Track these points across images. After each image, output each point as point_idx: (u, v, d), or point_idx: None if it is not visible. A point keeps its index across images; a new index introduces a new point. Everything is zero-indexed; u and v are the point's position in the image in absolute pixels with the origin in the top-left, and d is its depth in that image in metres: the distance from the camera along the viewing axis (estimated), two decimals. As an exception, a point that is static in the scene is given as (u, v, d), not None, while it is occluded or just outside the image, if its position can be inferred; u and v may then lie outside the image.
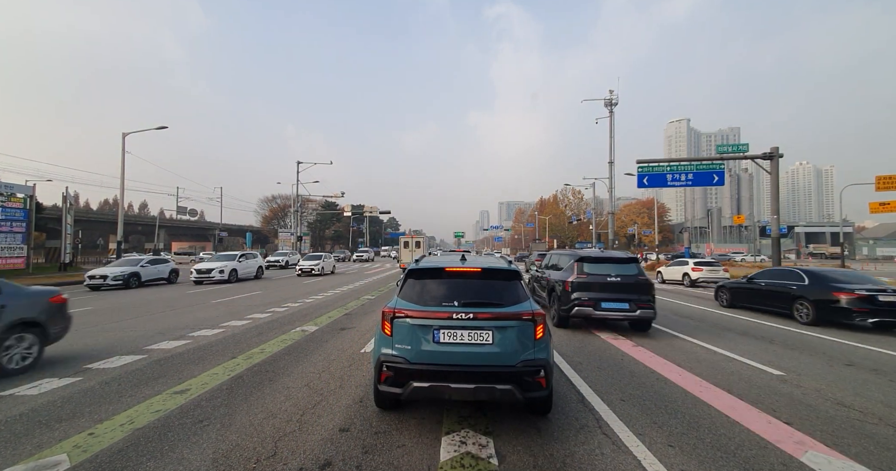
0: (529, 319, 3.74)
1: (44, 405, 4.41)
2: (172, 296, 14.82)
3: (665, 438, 3.70)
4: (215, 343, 7.31)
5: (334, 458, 3.28)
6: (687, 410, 4.38)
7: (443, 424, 3.92)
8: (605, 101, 32.17)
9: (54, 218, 37.74)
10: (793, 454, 3.40)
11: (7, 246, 23.27)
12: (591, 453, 3.40)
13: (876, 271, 33.16)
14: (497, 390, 3.52)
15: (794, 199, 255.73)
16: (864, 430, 3.94)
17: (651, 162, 24.56)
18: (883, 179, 22.37)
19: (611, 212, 33.96)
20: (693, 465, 3.24)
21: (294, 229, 46.88)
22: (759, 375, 5.71)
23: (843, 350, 7.24)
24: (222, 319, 9.67)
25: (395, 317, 3.80)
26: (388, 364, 3.67)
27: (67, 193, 27.93)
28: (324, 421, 3.98)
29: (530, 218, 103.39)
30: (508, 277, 4.18)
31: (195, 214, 59.49)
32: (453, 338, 3.66)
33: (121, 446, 3.49)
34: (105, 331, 8.40)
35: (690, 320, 10.19)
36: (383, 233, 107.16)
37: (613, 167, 32.12)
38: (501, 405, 4.35)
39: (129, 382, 5.20)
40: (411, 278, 4.21)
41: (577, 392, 4.87)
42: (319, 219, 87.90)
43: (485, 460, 3.26)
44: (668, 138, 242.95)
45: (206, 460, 3.25)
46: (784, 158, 22.92)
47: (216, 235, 52.68)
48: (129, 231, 70.02)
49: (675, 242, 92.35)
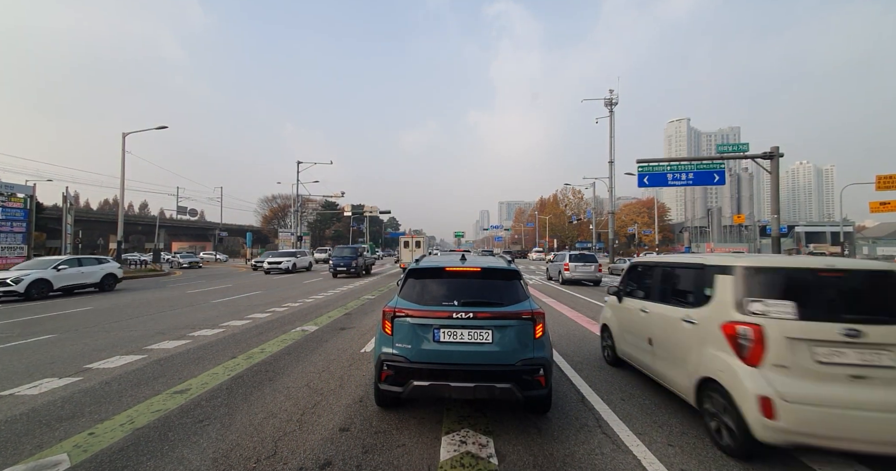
0: (529, 318, 3.76)
1: (44, 405, 4.41)
2: (173, 296, 14.82)
3: (665, 437, 3.70)
4: (215, 343, 7.32)
5: (334, 457, 3.28)
6: (687, 409, 4.37)
7: (443, 423, 3.92)
8: (605, 100, 32.18)
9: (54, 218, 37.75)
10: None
11: (7, 246, 23.29)
12: (591, 452, 3.40)
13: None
14: (497, 389, 3.54)
15: (795, 198, 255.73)
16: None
17: (651, 161, 24.56)
18: (883, 179, 22.35)
19: (611, 211, 33.96)
20: (693, 464, 3.23)
21: (294, 229, 46.88)
22: (760, 374, 5.70)
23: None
24: (222, 319, 9.67)
25: (395, 316, 3.83)
26: (389, 363, 3.70)
27: (67, 192, 27.93)
28: (324, 421, 3.99)
29: (530, 218, 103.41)
30: (508, 276, 4.20)
31: (195, 213, 59.44)
32: (453, 337, 3.68)
33: (121, 445, 3.49)
34: (105, 331, 8.40)
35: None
36: (383, 233, 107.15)
37: (613, 167, 32.12)
38: (501, 405, 4.36)
39: (129, 381, 5.20)
40: (412, 278, 4.23)
41: (578, 392, 4.87)
42: (319, 219, 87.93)
43: (485, 459, 3.26)
44: (669, 138, 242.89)
45: (207, 459, 3.25)
46: (784, 158, 22.89)
47: (216, 235, 52.66)
48: (129, 231, 70.02)
49: (676, 242, 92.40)
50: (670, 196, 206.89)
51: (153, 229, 53.06)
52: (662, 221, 74.08)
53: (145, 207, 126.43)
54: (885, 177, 22.29)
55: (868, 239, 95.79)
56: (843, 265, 3.44)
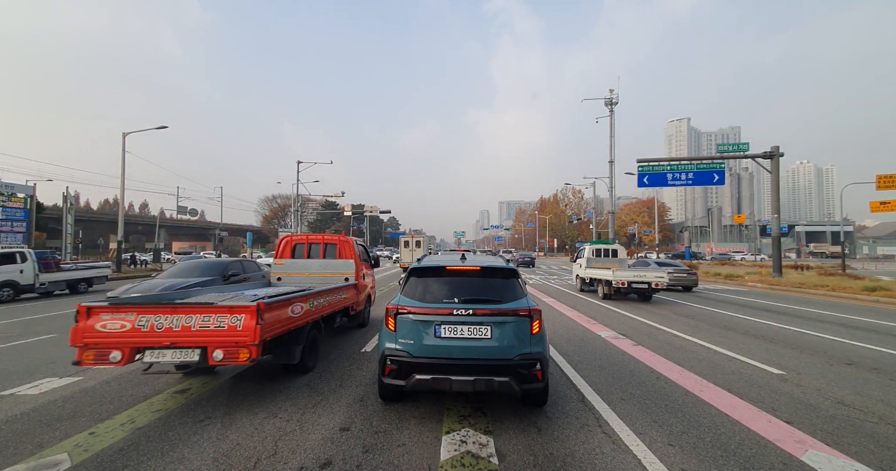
0: (526, 315, 3.89)
1: (45, 405, 4.42)
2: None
3: (665, 437, 3.70)
4: (216, 343, 7.30)
5: (335, 457, 3.28)
6: (687, 409, 4.38)
7: (443, 423, 3.93)
8: (606, 100, 32.17)
9: (55, 218, 37.77)
10: (793, 453, 3.40)
11: (7, 245, 23.29)
12: (591, 452, 3.41)
13: (877, 270, 33.14)
14: (495, 382, 3.67)
15: (795, 198, 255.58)
16: (864, 429, 3.94)
17: (651, 161, 24.56)
18: (883, 178, 22.33)
19: (611, 211, 33.96)
20: (693, 464, 3.24)
21: (294, 229, 46.91)
22: (760, 374, 5.71)
23: (843, 349, 7.24)
24: (223, 319, 9.64)
25: (398, 313, 3.97)
26: (392, 358, 3.84)
27: (68, 192, 27.96)
28: (324, 420, 3.99)
29: (530, 217, 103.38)
30: (506, 275, 4.36)
31: (195, 213, 59.45)
32: (454, 333, 3.81)
33: (122, 445, 3.49)
34: (106, 330, 8.39)
35: (690, 320, 10.19)
36: (383, 232, 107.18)
37: (614, 166, 32.11)
38: (501, 404, 4.37)
39: (129, 381, 5.20)
40: (413, 277, 4.38)
41: (578, 391, 4.87)
42: (320, 218, 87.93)
43: (485, 459, 3.26)
44: (669, 137, 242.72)
45: (207, 459, 3.25)
46: (785, 157, 22.92)
47: (216, 235, 52.68)
48: (129, 231, 70.02)
49: (676, 242, 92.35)
50: (670, 196, 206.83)
51: (153, 229, 53.06)
52: (662, 220, 74.03)
53: (145, 207, 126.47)
54: (886, 176, 22.27)
55: (868, 238, 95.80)
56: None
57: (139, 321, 4.09)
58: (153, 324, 4.08)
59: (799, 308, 12.65)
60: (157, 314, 4.11)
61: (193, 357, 4.07)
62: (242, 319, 4.05)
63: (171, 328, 4.07)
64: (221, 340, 4.04)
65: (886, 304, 13.87)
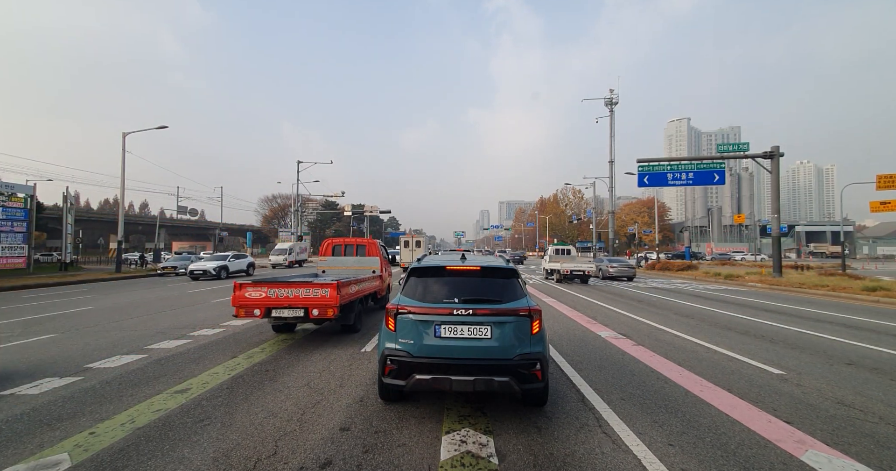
0: (526, 314, 3.87)
1: (45, 405, 4.42)
2: (172, 295, 14.83)
3: (665, 437, 3.70)
4: (216, 342, 7.32)
5: (335, 457, 3.28)
6: (687, 409, 4.38)
7: (443, 423, 3.93)
8: (606, 100, 32.18)
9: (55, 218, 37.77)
10: (793, 453, 3.40)
11: (8, 246, 23.30)
12: (591, 451, 3.41)
13: (877, 270, 33.12)
14: (495, 382, 3.66)
15: (795, 198, 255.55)
16: (864, 429, 3.94)
17: (651, 161, 24.56)
18: (883, 178, 22.32)
19: (611, 211, 33.97)
20: (693, 464, 3.24)
21: (294, 229, 46.90)
22: (760, 374, 5.71)
23: (843, 349, 7.24)
24: (223, 319, 9.67)
25: (398, 313, 3.95)
26: (392, 358, 3.83)
27: (68, 192, 27.94)
28: (324, 420, 3.99)
29: (531, 217, 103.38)
30: (506, 275, 4.34)
31: (195, 213, 59.44)
32: (454, 333, 3.80)
33: (122, 445, 3.49)
34: (106, 330, 8.41)
35: (691, 320, 10.19)
36: (383, 232, 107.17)
37: (614, 166, 32.11)
38: (501, 404, 4.37)
39: (129, 381, 5.20)
40: (413, 277, 4.37)
41: (578, 391, 4.87)
42: (320, 218, 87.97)
43: (485, 459, 3.26)
44: (669, 137, 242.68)
45: (207, 459, 3.26)
46: (785, 157, 22.92)
47: (216, 235, 52.70)
48: (129, 231, 70.03)
49: (676, 242, 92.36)
50: (670, 195, 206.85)
51: (153, 229, 53.05)
52: (663, 220, 74.03)
53: (146, 207, 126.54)
54: (886, 177, 22.26)
55: (868, 238, 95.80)
56: None
57: (269, 292, 6.79)
58: (277, 294, 6.77)
59: (799, 308, 12.65)
60: (279, 288, 6.80)
61: (300, 314, 6.74)
62: (329, 291, 6.75)
63: (287, 296, 6.77)
64: (317, 303, 6.72)
65: (886, 304, 13.86)
